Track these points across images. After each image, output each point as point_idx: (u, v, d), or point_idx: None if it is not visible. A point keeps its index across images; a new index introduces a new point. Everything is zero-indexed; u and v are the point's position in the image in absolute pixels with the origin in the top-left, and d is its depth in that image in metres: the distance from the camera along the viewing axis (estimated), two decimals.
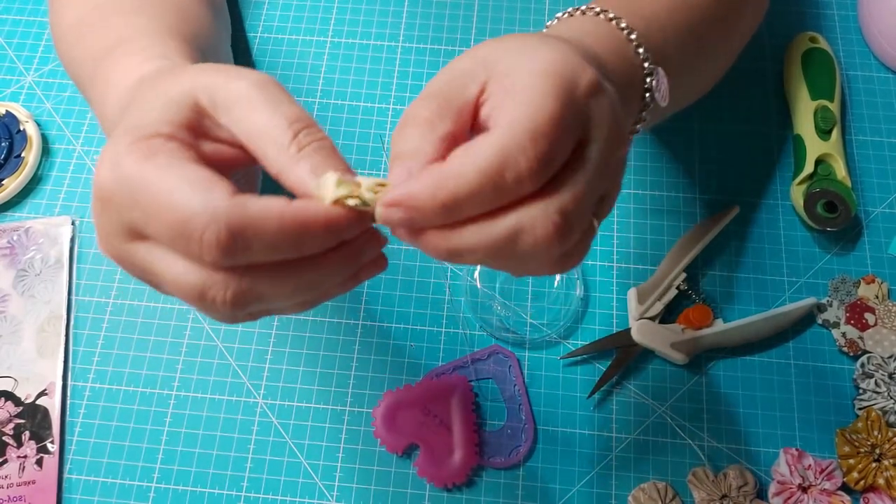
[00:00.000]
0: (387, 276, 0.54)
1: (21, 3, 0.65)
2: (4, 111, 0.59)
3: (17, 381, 0.51)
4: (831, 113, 0.56)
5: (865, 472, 0.47)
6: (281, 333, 0.53)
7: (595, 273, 0.54)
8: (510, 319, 0.53)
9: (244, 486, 0.49)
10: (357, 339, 0.53)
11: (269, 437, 0.50)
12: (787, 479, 0.48)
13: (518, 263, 0.28)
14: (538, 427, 0.50)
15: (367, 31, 0.63)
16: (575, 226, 0.27)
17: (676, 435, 0.50)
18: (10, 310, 0.54)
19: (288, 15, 0.64)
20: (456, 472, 0.48)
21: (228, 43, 0.58)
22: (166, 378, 0.52)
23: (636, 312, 0.51)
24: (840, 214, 0.53)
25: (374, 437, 0.49)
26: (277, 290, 0.27)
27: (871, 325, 0.52)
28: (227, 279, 0.26)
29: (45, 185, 0.58)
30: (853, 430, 0.49)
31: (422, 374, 0.52)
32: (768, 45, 0.62)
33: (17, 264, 0.55)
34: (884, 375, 0.50)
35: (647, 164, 0.58)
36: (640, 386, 0.51)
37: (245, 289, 0.26)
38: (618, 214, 0.56)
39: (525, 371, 0.52)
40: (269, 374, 0.52)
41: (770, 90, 0.61)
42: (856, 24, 0.63)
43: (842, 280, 0.54)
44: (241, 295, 0.26)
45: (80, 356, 0.53)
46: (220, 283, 0.26)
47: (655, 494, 0.48)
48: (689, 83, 0.46)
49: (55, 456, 0.49)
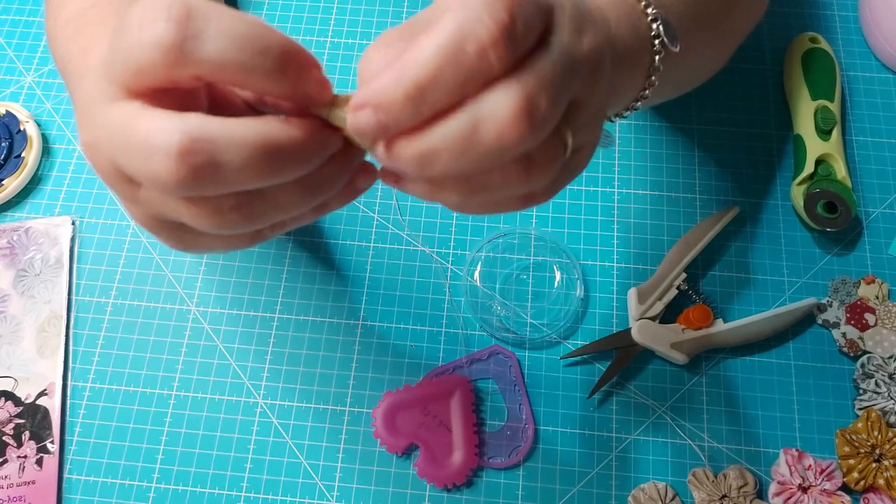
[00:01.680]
0: (387, 276, 0.55)
1: (21, 3, 0.65)
2: (4, 111, 0.59)
3: (17, 381, 0.51)
4: (831, 113, 0.56)
5: (865, 473, 0.47)
6: (281, 333, 0.53)
7: (595, 273, 0.55)
8: (510, 319, 0.53)
9: (244, 486, 0.49)
10: (357, 339, 0.53)
11: (269, 437, 0.50)
12: (787, 479, 0.48)
13: (480, 174, 0.26)
14: (538, 427, 0.50)
15: (367, 32, 0.63)
16: (541, 115, 0.25)
17: (676, 435, 0.50)
18: (10, 310, 0.54)
19: (288, 15, 0.64)
20: (456, 472, 0.48)
21: None
22: (166, 378, 0.52)
23: (636, 312, 0.51)
24: (840, 215, 0.53)
25: (374, 438, 0.49)
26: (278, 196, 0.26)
27: (872, 326, 0.52)
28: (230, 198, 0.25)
29: (45, 185, 0.58)
30: (853, 431, 0.49)
31: (422, 375, 0.52)
32: (768, 45, 0.62)
33: (17, 264, 0.55)
34: (884, 376, 0.50)
35: (647, 163, 0.58)
36: (640, 386, 0.51)
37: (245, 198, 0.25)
38: (618, 214, 0.56)
39: (525, 371, 0.52)
40: (269, 374, 0.52)
41: (770, 90, 0.61)
42: (856, 24, 0.63)
43: (842, 280, 0.54)
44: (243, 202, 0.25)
45: (80, 356, 0.53)
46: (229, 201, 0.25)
47: (655, 494, 0.48)
48: (690, 58, 0.45)
49: (55, 456, 0.49)
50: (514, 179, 0.27)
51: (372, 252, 0.55)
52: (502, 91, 0.24)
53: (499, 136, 0.24)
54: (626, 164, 0.58)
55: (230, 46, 0.23)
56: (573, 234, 0.56)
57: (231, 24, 0.23)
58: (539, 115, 0.25)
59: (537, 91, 0.25)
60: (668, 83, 0.42)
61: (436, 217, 0.56)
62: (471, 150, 0.25)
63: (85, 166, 0.59)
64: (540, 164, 0.27)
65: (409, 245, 0.56)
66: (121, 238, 0.56)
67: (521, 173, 0.27)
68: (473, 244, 0.55)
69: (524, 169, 0.27)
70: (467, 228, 0.56)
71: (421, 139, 0.25)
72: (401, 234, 0.56)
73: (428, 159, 0.25)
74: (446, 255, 0.55)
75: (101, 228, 0.56)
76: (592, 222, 0.56)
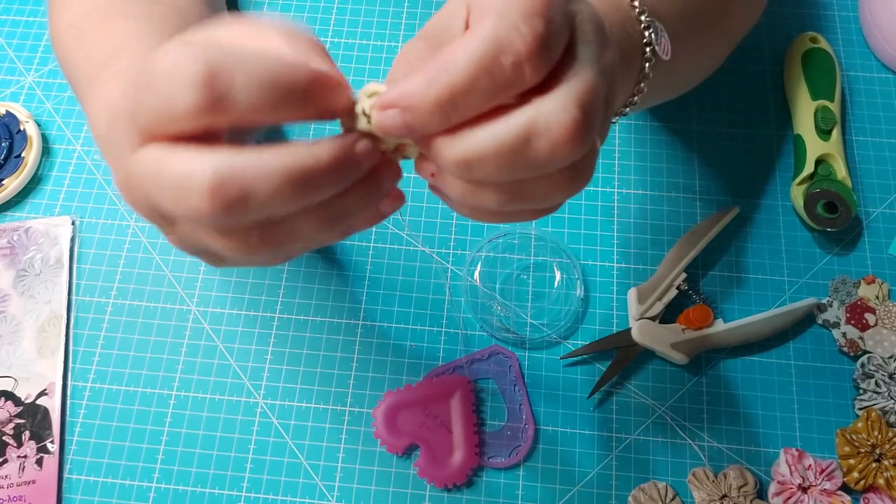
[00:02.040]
0: (387, 276, 0.55)
1: (21, 3, 0.65)
2: (4, 111, 0.59)
3: (17, 381, 0.51)
4: (831, 113, 0.56)
5: (865, 473, 0.47)
6: (281, 333, 0.53)
7: (595, 273, 0.55)
8: (510, 319, 0.53)
9: (244, 486, 0.49)
10: (357, 339, 0.53)
11: (270, 437, 0.50)
12: (787, 479, 0.48)
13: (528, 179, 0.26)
14: (538, 427, 0.50)
15: (367, 32, 0.63)
16: (594, 123, 0.25)
17: (676, 435, 0.50)
18: (10, 310, 0.54)
19: (288, 15, 0.64)
20: (456, 472, 0.48)
21: None
22: (166, 378, 0.52)
23: (636, 312, 0.51)
24: (840, 215, 0.53)
25: (375, 438, 0.49)
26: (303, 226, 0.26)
27: (872, 326, 0.52)
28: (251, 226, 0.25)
29: (45, 185, 0.58)
30: (853, 431, 0.49)
31: (422, 375, 0.52)
32: (768, 45, 0.62)
33: (17, 264, 0.55)
34: (884, 376, 0.50)
35: (648, 164, 0.58)
36: (640, 386, 0.51)
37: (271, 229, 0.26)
38: (618, 214, 0.56)
39: (525, 371, 0.52)
40: (269, 374, 0.52)
41: (770, 90, 0.61)
42: (856, 24, 0.63)
43: (842, 280, 0.54)
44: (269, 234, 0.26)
45: (80, 356, 0.53)
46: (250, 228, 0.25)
47: (655, 494, 0.48)
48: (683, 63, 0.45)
49: (55, 456, 0.49)
50: (558, 187, 0.27)
51: (372, 252, 0.55)
52: (556, 101, 0.24)
53: (553, 148, 0.24)
54: (626, 164, 0.58)
55: (260, 94, 0.23)
56: (573, 234, 0.56)
57: (258, 69, 0.23)
58: (592, 126, 0.25)
59: (590, 99, 0.25)
60: (661, 87, 0.42)
61: (436, 217, 0.56)
62: (522, 160, 0.25)
63: (85, 166, 0.59)
64: (583, 173, 0.27)
65: (409, 245, 0.56)
66: (121, 238, 0.56)
67: (565, 182, 0.27)
68: (473, 244, 0.55)
69: (569, 178, 0.27)
70: (467, 228, 0.56)
71: (460, 141, 0.25)
72: (401, 234, 0.56)
73: (473, 164, 0.25)
74: (446, 255, 0.55)
75: (101, 228, 0.56)
76: (592, 222, 0.56)
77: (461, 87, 0.24)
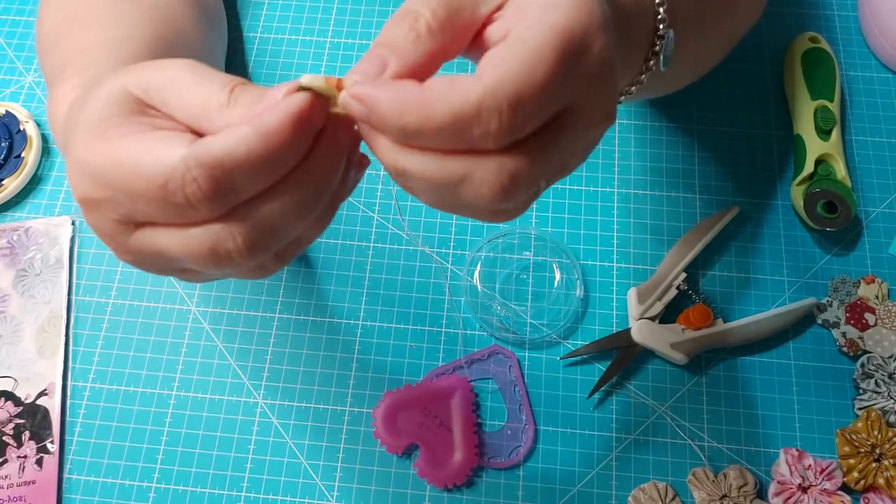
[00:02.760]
0: (387, 276, 0.55)
1: (21, 3, 0.65)
2: (4, 111, 0.59)
3: (17, 381, 0.51)
4: (831, 113, 0.56)
5: (865, 472, 0.47)
6: (281, 333, 0.53)
7: (595, 273, 0.55)
8: (510, 319, 0.53)
9: (244, 486, 0.49)
10: (357, 339, 0.53)
11: (270, 437, 0.50)
12: (787, 479, 0.48)
13: (453, 203, 0.28)
14: (538, 427, 0.50)
15: (367, 32, 0.63)
16: (522, 190, 0.27)
17: (676, 435, 0.50)
18: (10, 310, 0.54)
19: (288, 15, 0.64)
20: (456, 472, 0.48)
21: (222, 52, 0.58)
22: (166, 378, 0.52)
23: (636, 312, 0.51)
24: (840, 214, 0.53)
25: (375, 438, 0.49)
26: (283, 214, 0.26)
27: (871, 325, 0.52)
28: (229, 226, 0.26)
29: (45, 185, 0.58)
30: (853, 430, 0.49)
31: (422, 375, 0.52)
32: (768, 45, 0.62)
33: (17, 264, 0.55)
34: (884, 375, 0.50)
35: (648, 164, 0.58)
36: (640, 386, 0.51)
37: (252, 226, 0.26)
38: (618, 214, 0.56)
39: (525, 371, 0.52)
40: (269, 374, 0.52)
41: (770, 90, 0.61)
42: (856, 24, 0.63)
43: (842, 280, 0.54)
44: (251, 235, 0.26)
45: (80, 356, 0.53)
46: (225, 233, 0.26)
47: (655, 494, 0.48)
48: (691, 52, 0.45)
49: (55, 456, 0.49)
50: (482, 217, 0.30)
51: (372, 252, 0.55)
52: (494, 166, 0.26)
53: (475, 197, 0.26)
54: (626, 164, 0.58)
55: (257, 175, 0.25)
56: (573, 234, 0.56)
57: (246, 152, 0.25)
58: (521, 190, 0.27)
59: (527, 174, 0.26)
60: (654, 85, 0.42)
61: (436, 217, 0.56)
62: (449, 194, 0.27)
63: None
64: (509, 214, 0.29)
65: (409, 245, 0.56)
66: None
67: (490, 215, 0.29)
68: (473, 244, 0.55)
69: (492, 214, 0.29)
70: (467, 228, 0.56)
71: (404, 157, 0.26)
72: (401, 234, 0.56)
73: (406, 175, 0.27)
74: (446, 255, 0.55)
75: None
76: (592, 222, 0.56)
77: (428, 129, 0.25)
